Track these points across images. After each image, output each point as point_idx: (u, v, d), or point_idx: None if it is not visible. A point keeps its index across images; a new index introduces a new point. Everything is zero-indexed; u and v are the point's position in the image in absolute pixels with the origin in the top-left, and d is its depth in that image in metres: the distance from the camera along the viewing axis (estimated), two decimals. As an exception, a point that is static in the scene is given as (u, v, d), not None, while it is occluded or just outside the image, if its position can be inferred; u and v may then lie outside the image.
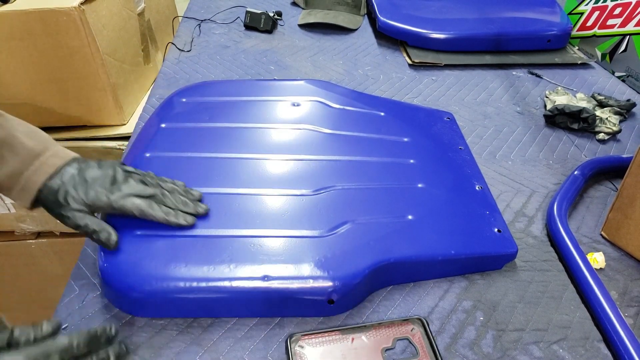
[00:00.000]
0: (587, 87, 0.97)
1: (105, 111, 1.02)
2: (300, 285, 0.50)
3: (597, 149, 0.81)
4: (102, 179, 0.53)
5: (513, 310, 0.54)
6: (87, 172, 0.53)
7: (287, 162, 0.66)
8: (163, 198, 0.55)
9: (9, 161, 0.51)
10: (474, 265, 0.58)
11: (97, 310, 0.52)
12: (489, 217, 0.61)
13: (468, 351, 0.50)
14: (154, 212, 0.53)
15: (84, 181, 0.52)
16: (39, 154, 0.52)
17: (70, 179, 0.52)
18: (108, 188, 0.53)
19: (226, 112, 0.75)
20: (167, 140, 0.68)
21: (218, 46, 1.06)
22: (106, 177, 0.53)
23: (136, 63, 1.12)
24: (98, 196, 0.52)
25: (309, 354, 0.48)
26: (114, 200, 0.52)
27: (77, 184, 0.52)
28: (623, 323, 0.52)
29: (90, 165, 0.54)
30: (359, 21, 1.19)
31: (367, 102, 0.81)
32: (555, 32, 1.06)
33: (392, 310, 0.54)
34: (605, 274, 0.60)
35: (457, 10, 1.12)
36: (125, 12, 1.06)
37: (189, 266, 0.51)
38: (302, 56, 1.04)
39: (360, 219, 0.58)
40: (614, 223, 0.63)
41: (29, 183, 0.51)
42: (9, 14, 0.87)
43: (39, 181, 0.51)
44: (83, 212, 0.52)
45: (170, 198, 0.55)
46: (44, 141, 0.54)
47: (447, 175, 0.68)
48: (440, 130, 0.78)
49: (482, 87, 0.96)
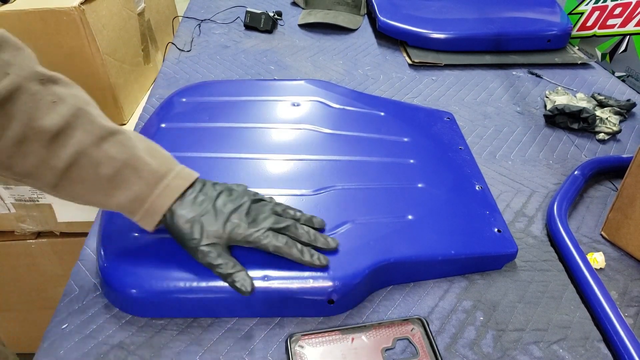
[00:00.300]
0: (587, 87, 0.97)
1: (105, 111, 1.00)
2: (300, 285, 0.50)
3: (597, 149, 0.81)
4: (237, 209, 0.50)
5: (513, 310, 0.55)
6: (219, 200, 0.50)
7: (287, 162, 0.66)
8: (296, 231, 0.52)
9: (134, 184, 0.47)
10: (474, 265, 0.58)
11: (97, 310, 0.52)
12: (489, 217, 0.61)
13: (468, 351, 0.50)
14: (290, 250, 0.50)
15: (219, 212, 0.50)
16: (163, 175, 0.49)
17: (200, 206, 0.49)
18: (245, 221, 0.50)
19: (226, 112, 0.75)
20: (167, 140, 0.68)
21: (218, 46, 1.06)
22: (241, 207, 0.51)
23: (136, 63, 1.12)
24: (235, 230, 0.49)
25: (309, 354, 0.48)
26: (252, 235, 0.49)
27: (211, 214, 0.49)
28: (623, 323, 0.52)
29: (217, 189, 0.52)
30: (359, 21, 1.19)
31: (367, 102, 0.81)
32: (555, 32, 1.06)
33: (392, 310, 0.54)
34: (605, 274, 0.60)
35: (457, 10, 1.12)
36: (125, 12, 1.06)
37: (189, 266, 0.51)
38: (302, 56, 1.04)
39: (360, 219, 0.58)
40: (614, 223, 0.63)
41: (154, 207, 0.48)
42: (9, 14, 0.87)
43: (165, 205, 0.48)
44: (216, 247, 0.49)
45: (303, 231, 0.52)
46: (166, 160, 0.51)
47: (447, 175, 0.68)
48: (440, 130, 0.78)
49: (482, 87, 0.96)
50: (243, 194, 0.53)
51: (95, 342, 0.49)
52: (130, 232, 0.54)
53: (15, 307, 1.28)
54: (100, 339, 0.49)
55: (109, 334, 0.50)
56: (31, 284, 1.22)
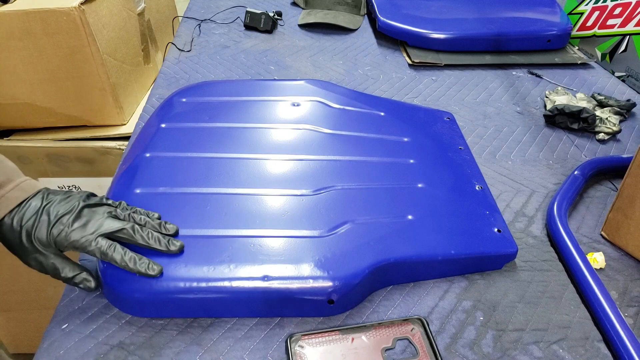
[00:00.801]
0: (587, 87, 0.97)
1: (105, 111, 1.02)
2: (300, 285, 0.50)
3: (597, 149, 0.81)
4: (66, 214, 0.49)
5: (513, 310, 0.54)
6: (52, 207, 0.49)
7: (287, 162, 0.66)
8: (133, 234, 0.50)
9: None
10: (474, 265, 0.58)
11: (97, 310, 0.52)
12: (489, 217, 0.61)
13: (468, 351, 0.50)
14: (115, 255, 0.48)
15: (46, 217, 0.48)
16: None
17: (33, 215, 0.48)
18: (71, 225, 0.48)
19: (226, 112, 0.75)
20: (167, 140, 0.68)
21: (218, 46, 1.06)
22: (71, 212, 0.49)
23: (136, 63, 1.12)
24: (61, 235, 0.48)
25: (309, 354, 0.48)
26: (79, 240, 0.48)
27: (40, 221, 0.48)
28: (623, 323, 0.52)
29: (56, 199, 0.50)
30: (359, 21, 1.19)
31: (367, 102, 0.81)
32: (555, 32, 1.06)
33: (392, 310, 0.54)
34: (605, 274, 0.60)
35: (457, 10, 1.12)
36: (125, 12, 1.06)
37: (188, 266, 0.51)
38: (302, 56, 1.04)
39: (360, 219, 0.58)
40: (614, 223, 0.63)
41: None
42: (9, 14, 0.87)
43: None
44: (50, 254, 0.48)
45: (142, 234, 0.50)
46: (8, 172, 0.50)
47: (447, 175, 0.68)
48: (440, 130, 0.78)
49: (482, 87, 0.96)
50: (78, 199, 0.51)
51: (95, 342, 0.49)
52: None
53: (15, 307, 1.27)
54: (100, 339, 0.49)
55: (109, 334, 0.50)
56: (31, 284, 1.22)
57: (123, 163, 0.67)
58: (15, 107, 0.98)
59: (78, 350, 0.48)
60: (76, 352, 0.48)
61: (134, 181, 0.61)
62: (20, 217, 0.48)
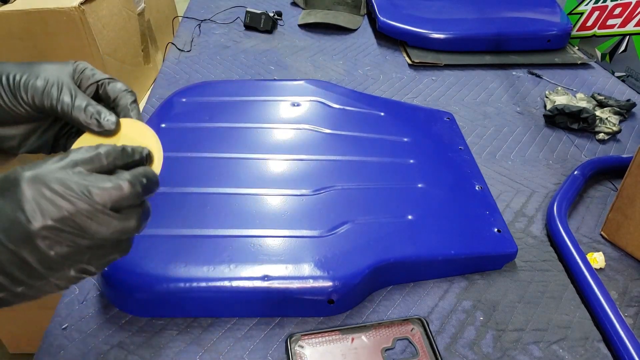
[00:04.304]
0: (587, 87, 0.97)
1: (105, 111, 1.02)
2: (300, 285, 0.50)
3: (597, 149, 0.81)
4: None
5: (513, 310, 0.55)
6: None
7: (287, 162, 0.66)
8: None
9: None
10: (473, 265, 0.58)
11: (97, 310, 0.52)
12: (488, 217, 0.61)
13: (468, 351, 0.50)
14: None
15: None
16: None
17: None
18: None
19: (226, 112, 0.75)
20: (167, 140, 0.68)
21: (218, 46, 1.06)
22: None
23: (136, 63, 1.12)
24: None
25: (309, 354, 0.48)
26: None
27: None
28: (623, 323, 0.52)
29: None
30: (359, 21, 1.19)
31: (367, 102, 0.81)
32: (555, 32, 1.06)
33: (392, 310, 0.54)
34: (605, 274, 0.60)
35: (457, 10, 1.12)
36: (125, 12, 1.06)
37: (189, 266, 0.51)
38: (302, 56, 1.04)
39: (360, 219, 0.58)
40: (614, 223, 0.63)
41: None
42: (9, 14, 0.87)
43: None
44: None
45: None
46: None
47: (447, 175, 0.68)
48: (440, 130, 0.78)
49: (482, 87, 0.96)
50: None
51: (95, 342, 0.49)
52: (130, 232, 0.54)
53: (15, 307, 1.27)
54: (100, 339, 0.49)
55: (109, 334, 0.50)
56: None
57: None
58: (15, 107, 0.98)
59: (78, 350, 0.48)
60: (76, 352, 0.48)
61: (134, 181, 0.61)
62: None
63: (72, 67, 0.42)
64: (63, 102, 0.39)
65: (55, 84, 0.40)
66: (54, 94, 0.39)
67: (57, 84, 0.40)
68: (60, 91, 0.40)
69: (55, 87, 0.40)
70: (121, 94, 0.42)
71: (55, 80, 0.40)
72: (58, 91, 0.40)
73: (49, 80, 0.40)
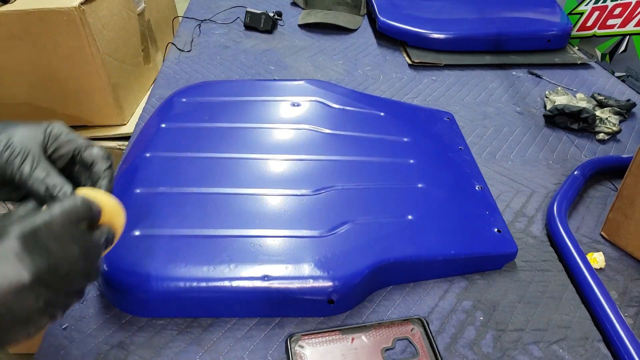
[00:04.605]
0: (587, 87, 0.97)
1: (105, 111, 1.02)
2: (300, 285, 0.50)
3: (597, 149, 0.81)
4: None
5: (513, 310, 0.55)
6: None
7: (287, 162, 0.66)
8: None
9: None
10: (473, 265, 0.58)
11: (97, 310, 0.52)
12: (488, 217, 0.61)
13: (468, 351, 0.50)
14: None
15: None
16: None
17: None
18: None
19: (226, 112, 0.75)
20: (167, 140, 0.68)
21: (218, 46, 1.06)
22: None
23: (136, 63, 1.12)
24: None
25: (309, 354, 0.48)
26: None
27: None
28: (623, 323, 0.52)
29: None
30: (359, 21, 1.19)
31: (367, 102, 0.81)
32: (555, 32, 1.06)
33: (392, 310, 0.54)
34: (605, 274, 0.60)
35: (457, 10, 1.12)
36: (125, 12, 1.06)
37: (189, 266, 0.51)
38: (302, 56, 1.04)
39: (360, 219, 0.58)
40: (614, 223, 0.63)
41: None
42: (9, 14, 0.87)
43: None
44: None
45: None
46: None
47: (447, 175, 0.68)
48: (440, 130, 0.78)
49: (482, 87, 0.96)
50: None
51: (95, 342, 0.49)
52: (131, 232, 0.54)
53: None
54: (101, 339, 0.49)
55: (109, 334, 0.50)
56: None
57: (123, 163, 0.67)
58: (15, 107, 0.98)
59: (78, 350, 0.48)
60: (76, 352, 0.48)
61: (134, 181, 0.61)
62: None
63: (45, 133, 0.42)
64: (22, 172, 0.39)
65: (20, 154, 0.40)
66: (16, 163, 0.39)
67: (22, 153, 0.40)
68: (23, 160, 0.40)
69: (20, 156, 0.40)
70: (97, 159, 0.42)
71: (21, 149, 0.40)
72: (21, 160, 0.40)
73: (15, 150, 0.40)
